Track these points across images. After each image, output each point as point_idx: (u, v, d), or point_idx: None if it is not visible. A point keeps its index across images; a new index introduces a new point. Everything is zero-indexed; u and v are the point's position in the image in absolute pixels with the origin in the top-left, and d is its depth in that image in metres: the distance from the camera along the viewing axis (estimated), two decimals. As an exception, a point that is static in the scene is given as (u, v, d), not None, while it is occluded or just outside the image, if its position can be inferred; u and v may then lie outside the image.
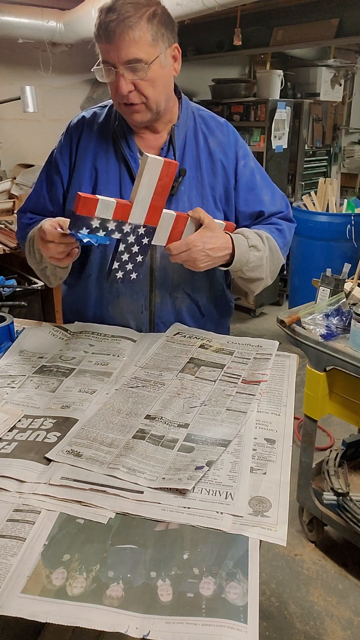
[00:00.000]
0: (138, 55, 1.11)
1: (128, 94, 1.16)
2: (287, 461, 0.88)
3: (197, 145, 1.30)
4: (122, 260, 1.12)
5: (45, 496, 0.80)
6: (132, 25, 1.09)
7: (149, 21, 1.11)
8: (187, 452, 0.89)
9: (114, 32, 1.10)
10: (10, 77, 3.65)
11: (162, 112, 1.23)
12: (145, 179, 1.05)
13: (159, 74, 1.16)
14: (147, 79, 1.15)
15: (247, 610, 0.63)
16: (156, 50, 1.13)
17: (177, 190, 1.27)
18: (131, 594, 0.65)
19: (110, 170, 1.30)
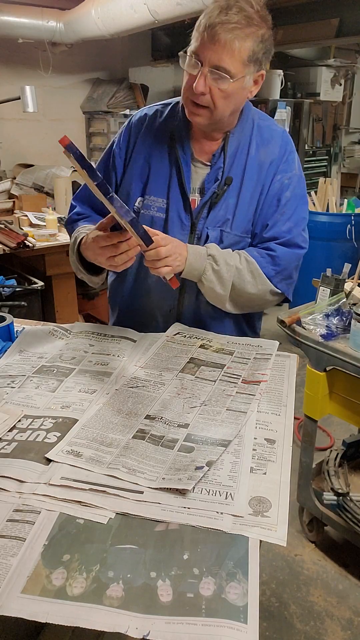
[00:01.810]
0: (228, 67, 1.12)
1: (196, 93, 1.16)
2: (287, 461, 0.88)
3: (248, 155, 1.30)
4: None
5: (45, 496, 0.80)
6: (239, 38, 1.09)
7: (254, 42, 1.11)
8: (187, 452, 0.89)
9: (219, 36, 1.09)
10: (10, 77, 3.65)
11: (225, 123, 1.25)
12: None
13: (237, 92, 1.17)
14: (224, 91, 1.15)
15: (247, 611, 0.63)
16: (245, 70, 1.14)
17: (220, 197, 1.28)
18: (131, 594, 0.65)
19: (161, 169, 1.32)
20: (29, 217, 3.20)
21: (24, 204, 3.42)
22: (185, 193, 1.30)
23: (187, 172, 1.30)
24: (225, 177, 1.28)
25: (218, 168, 1.29)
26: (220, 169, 1.29)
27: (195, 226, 1.31)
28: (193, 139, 1.31)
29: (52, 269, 2.96)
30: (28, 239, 2.84)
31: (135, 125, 1.37)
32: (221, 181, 1.28)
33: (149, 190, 1.33)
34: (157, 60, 4.23)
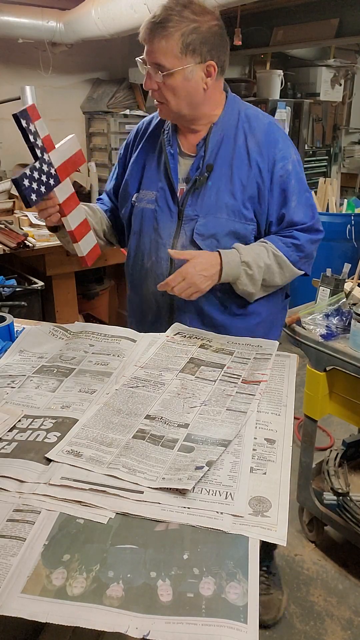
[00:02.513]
0: (161, 62, 1.23)
1: (152, 91, 1.29)
2: (287, 461, 0.88)
3: (235, 143, 1.35)
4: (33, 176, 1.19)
5: (45, 496, 0.80)
6: (165, 34, 1.20)
7: (182, 35, 1.20)
8: (187, 452, 0.89)
9: (148, 33, 1.22)
10: (10, 77, 3.65)
11: (188, 116, 1.33)
12: (68, 144, 1.29)
13: (181, 85, 1.26)
14: (168, 85, 1.26)
15: (247, 610, 0.63)
16: (181, 62, 1.23)
17: (203, 183, 1.35)
18: (131, 594, 0.65)
19: (153, 163, 1.44)
20: (29, 217, 3.19)
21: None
22: (171, 183, 1.39)
23: (172, 164, 1.39)
24: (206, 164, 1.35)
25: (200, 157, 1.37)
26: (201, 158, 1.36)
27: (182, 213, 1.38)
28: (180, 134, 1.42)
29: (52, 269, 2.95)
30: (28, 239, 2.83)
31: (141, 126, 1.52)
32: (202, 169, 1.35)
33: (143, 185, 1.45)
34: (157, 60, 4.23)
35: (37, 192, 1.19)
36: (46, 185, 1.21)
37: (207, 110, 1.35)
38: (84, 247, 1.34)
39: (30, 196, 1.18)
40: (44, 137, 1.22)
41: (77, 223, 1.32)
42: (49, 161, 1.22)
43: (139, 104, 3.94)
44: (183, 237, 1.38)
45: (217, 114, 1.37)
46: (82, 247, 1.33)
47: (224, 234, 1.36)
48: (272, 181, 1.35)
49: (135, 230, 1.48)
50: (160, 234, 1.42)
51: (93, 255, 1.38)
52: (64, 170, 1.26)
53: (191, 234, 1.37)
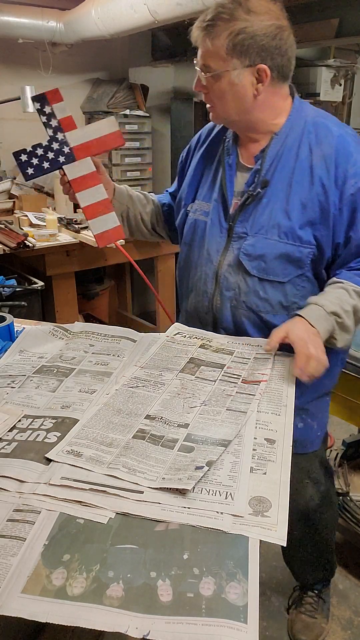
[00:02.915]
0: (208, 63, 1.18)
1: (201, 93, 1.25)
2: (287, 461, 0.88)
3: (297, 157, 1.23)
4: (35, 152, 1.30)
5: (45, 496, 0.80)
6: (212, 34, 1.14)
7: (230, 35, 1.12)
8: (187, 452, 0.89)
9: (198, 33, 1.18)
10: (10, 77, 3.65)
11: (240, 122, 1.26)
12: (100, 125, 1.31)
13: (227, 88, 1.18)
14: (214, 88, 1.20)
15: (247, 610, 0.63)
16: (227, 65, 1.15)
17: (256, 200, 1.25)
18: (131, 594, 0.65)
19: (210, 173, 1.37)
20: (29, 217, 3.20)
21: (24, 204, 3.42)
22: (225, 197, 1.31)
23: (229, 175, 1.31)
24: (262, 180, 1.24)
25: (255, 171, 1.26)
26: (257, 171, 1.26)
27: (232, 229, 1.30)
28: (240, 143, 1.33)
29: (52, 269, 2.96)
30: (28, 239, 2.84)
31: (203, 131, 1.45)
32: (256, 184, 1.25)
33: (198, 195, 1.39)
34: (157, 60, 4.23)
35: (36, 167, 1.28)
36: (52, 162, 1.29)
37: (262, 117, 1.23)
38: (95, 226, 1.34)
39: (25, 170, 1.28)
40: (63, 118, 1.29)
41: (91, 202, 1.33)
42: (63, 140, 1.29)
43: (139, 104, 3.94)
44: (230, 255, 1.30)
45: (279, 123, 1.25)
46: (92, 226, 1.35)
47: (274, 257, 1.25)
48: (342, 200, 1.20)
49: (186, 241, 1.42)
50: (209, 250, 1.34)
51: (109, 236, 1.36)
52: (85, 150, 1.30)
53: (238, 253, 1.28)
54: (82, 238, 2.94)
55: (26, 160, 1.28)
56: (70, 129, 1.30)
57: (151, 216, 1.57)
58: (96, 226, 1.34)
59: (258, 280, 1.28)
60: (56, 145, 1.29)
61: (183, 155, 1.50)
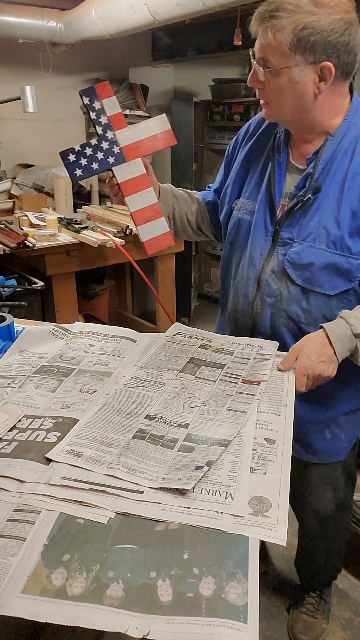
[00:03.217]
0: (268, 57, 1.08)
1: (257, 90, 1.16)
2: (287, 461, 0.88)
3: (352, 161, 1.15)
4: (84, 152, 1.19)
5: (45, 496, 0.80)
6: (274, 25, 1.04)
7: (295, 28, 1.03)
8: (187, 452, 0.89)
9: (258, 23, 1.07)
10: (10, 77, 3.65)
11: (295, 122, 1.18)
12: (151, 123, 1.22)
13: (287, 86, 1.09)
14: (272, 85, 1.11)
15: (247, 610, 0.63)
16: (289, 61, 1.06)
17: (305, 206, 1.19)
18: (131, 594, 0.65)
19: (257, 170, 1.29)
20: (29, 217, 3.19)
21: (24, 204, 3.42)
22: (272, 198, 1.24)
23: (278, 176, 1.24)
24: (314, 185, 1.17)
25: (307, 174, 1.19)
26: (309, 175, 1.19)
27: (278, 234, 1.23)
28: (292, 143, 1.25)
29: (52, 269, 2.96)
30: (28, 239, 2.83)
31: (250, 124, 1.37)
32: (308, 189, 1.18)
33: (244, 192, 1.32)
34: (157, 60, 4.23)
35: (84, 168, 1.19)
36: (101, 163, 1.20)
37: (320, 118, 1.16)
38: (144, 233, 1.25)
39: (74, 171, 1.19)
40: (113, 114, 1.20)
41: (140, 207, 1.24)
42: (113, 139, 1.20)
43: (139, 104, 3.94)
44: (274, 261, 1.23)
45: (335, 124, 1.17)
46: (142, 232, 1.25)
47: (320, 267, 1.18)
48: None
49: (230, 240, 1.36)
50: (252, 252, 1.27)
51: (158, 243, 1.27)
52: (135, 150, 1.22)
53: (283, 260, 1.22)
54: (82, 238, 2.94)
55: (74, 160, 1.18)
56: (121, 126, 1.21)
57: (196, 216, 1.49)
58: (145, 232, 1.25)
59: (302, 289, 1.22)
60: (106, 145, 1.20)
61: (229, 149, 1.41)
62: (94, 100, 1.19)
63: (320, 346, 1.10)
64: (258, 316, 1.30)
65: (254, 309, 1.30)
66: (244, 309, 1.33)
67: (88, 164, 1.19)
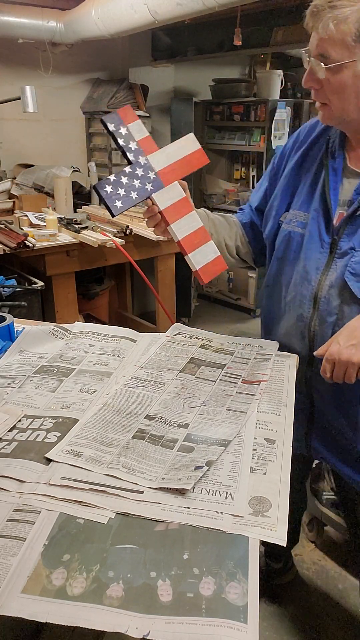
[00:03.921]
0: (327, 52, 0.99)
1: (313, 91, 1.07)
2: (287, 461, 0.88)
3: None
4: (120, 181, 1.10)
5: (45, 496, 0.80)
6: (335, 16, 0.94)
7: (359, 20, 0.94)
8: (186, 452, 0.89)
9: (314, 16, 0.98)
10: (10, 77, 3.65)
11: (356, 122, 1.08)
12: (181, 144, 1.17)
13: (350, 82, 1.00)
14: (333, 82, 1.01)
15: (247, 610, 0.63)
16: (352, 54, 0.97)
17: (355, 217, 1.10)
18: (131, 594, 0.65)
19: (309, 178, 1.19)
20: (29, 217, 3.19)
21: (24, 204, 3.42)
22: (327, 206, 1.14)
23: (333, 182, 1.14)
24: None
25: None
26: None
27: (337, 244, 1.12)
28: (348, 146, 1.16)
29: (52, 269, 2.96)
30: (28, 239, 2.83)
31: (302, 129, 1.29)
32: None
33: (294, 203, 1.22)
34: (157, 60, 4.23)
35: (124, 199, 1.09)
36: (140, 191, 1.11)
37: None
38: (196, 260, 1.16)
39: (113, 204, 1.08)
40: (142, 139, 1.13)
41: (188, 232, 1.17)
42: (146, 165, 1.13)
43: (139, 104, 3.94)
44: (333, 273, 1.13)
45: None
46: (193, 260, 1.16)
47: None
48: None
49: (279, 256, 1.24)
50: (306, 267, 1.16)
51: (212, 270, 1.19)
52: (171, 173, 1.15)
53: (343, 272, 1.11)
54: (82, 238, 2.94)
55: (112, 191, 1.08)
56: (152, 150, 1.14)
57: (235, 240, 1.38)
58: (197, 260, 1.16)
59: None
60: (140, 171, 1.11)
61: (275, 160, 1.30)
62: (120, 126, 1.12)
63: (352, 329, 1.02)
64: (317, 338, 1.18)
65: (311, 331, 1.18)
66: (299, 331, 1.20)
67: (127, 194, 1.10)
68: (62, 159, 3.90)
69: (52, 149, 3.95)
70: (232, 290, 4.76)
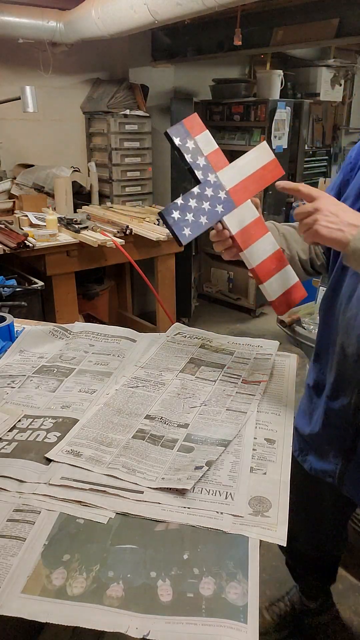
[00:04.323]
0: None
1: None
2: (287, 461, 0.88)
3: None
4: (188, 205, 0.97)
5: (45, 496, 0.80)
6: None
7: None
8: (186, 452, 0.89)
9: None
10: (10, 77, 3.65)
11: None
12: (253, 155, 1.04)
13: None
14: None
15: (247, 610, 0.63)
16: None
17: None
18: (131, 594, 0.65)
19: None
20: (29, 217, 3.19)
21: (24, 204, 3.42)
22: None
23: None
24: None
25: None
26: None
27: None
28: None
29: (52, 269, 2.96)
30: (28, 239, 2.84)
31: None
32: None
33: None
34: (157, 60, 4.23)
35: (193, 225, 0.96)
36: (210, 215, 0.98)
37: None
38: (272, 290, 1.03)
39: (181, 232, 0.95)
40: (210, 152, 1.00)
41: (263, 258, 1.03)
42: (216, 183, 0.99)
43: (139, 104, 3.94)
44: None
45: None
46: (269, 289, 1.03)
47: None
48: None
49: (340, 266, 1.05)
50: None
51: (290, 299, 1.06)
52: (243, 191, 1.02)
53: None
54: (82, 238, 2.94)
55: (179, 217, 0.95)
56: (222, 166, 1.00)
57: (309, 252, 1.19)
58: (274, 289, 1.03)
59: None
60: (210, 191, 0.98)
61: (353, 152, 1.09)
62: (186, 140, 0.98)
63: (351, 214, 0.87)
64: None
65: None
66: (356, 352, 1.03)
67: (195, 219, 0.97)
68: (62, 159, 3.90)
69: (52, 149, 3.95)
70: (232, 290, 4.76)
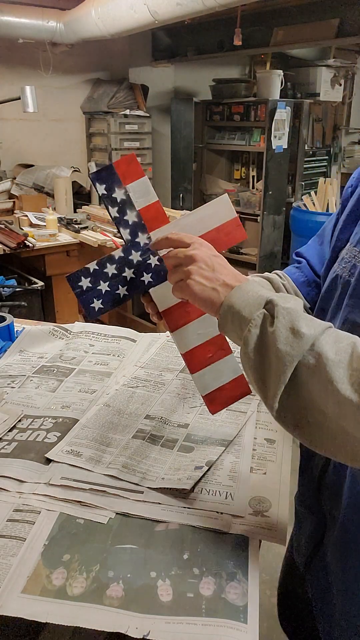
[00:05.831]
0: None
1: None
2: (287, 461, 0.88)
3: None
4: (103, 272, 0.77)
5: (45, 496, 0.80)
6: None
7: None
8: (186, 452, 0.89)
9: None
10: (10, 77, 3.65)
11: None
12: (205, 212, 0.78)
13: None
14: None
15: (247, 610, 0.63)
16: None
17: None
18: (131, 594, 0.65)
19: None
20: (29, 217, 3.20)
21: (24, 204, 3.42)
22: None
23: None
24: None
25: None
26: None
27: None
28: None
29: (52, 269, 2.96)
30: (28, 239, 2.84)
31: None
32: None
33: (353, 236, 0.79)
34: (157, 60, 4.23)
35: (107, 296, 0.78)
36: (132, 285, 0.79)
37: None
38: (203, 383, 0.81)
39: (89, 303, 0.77)
40: (145, 207, 0.77)
41: (196, 343, 0.80)
42: (145, 247, 0.78)
43: (139, 104, 3.94)
44: None
45: None
46: (199, 382, 0.82)
47: None
48: None
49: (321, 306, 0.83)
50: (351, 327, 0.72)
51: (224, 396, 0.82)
52: None
53: None
54: (82, 238, 2.94)
55: (89, 287, 0.76)
56: (158, 224, 0.77)
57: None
58: (204, 383, 0.81)
59: None
60: (137, 256, 0.78)
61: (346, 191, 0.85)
62: (114, 187, 0.76)
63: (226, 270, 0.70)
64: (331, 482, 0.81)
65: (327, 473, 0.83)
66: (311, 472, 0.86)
67: (111, 290, 0.78)
68: (62, 159, 3.91)
69: (52, 149, 3.95)
70: None
